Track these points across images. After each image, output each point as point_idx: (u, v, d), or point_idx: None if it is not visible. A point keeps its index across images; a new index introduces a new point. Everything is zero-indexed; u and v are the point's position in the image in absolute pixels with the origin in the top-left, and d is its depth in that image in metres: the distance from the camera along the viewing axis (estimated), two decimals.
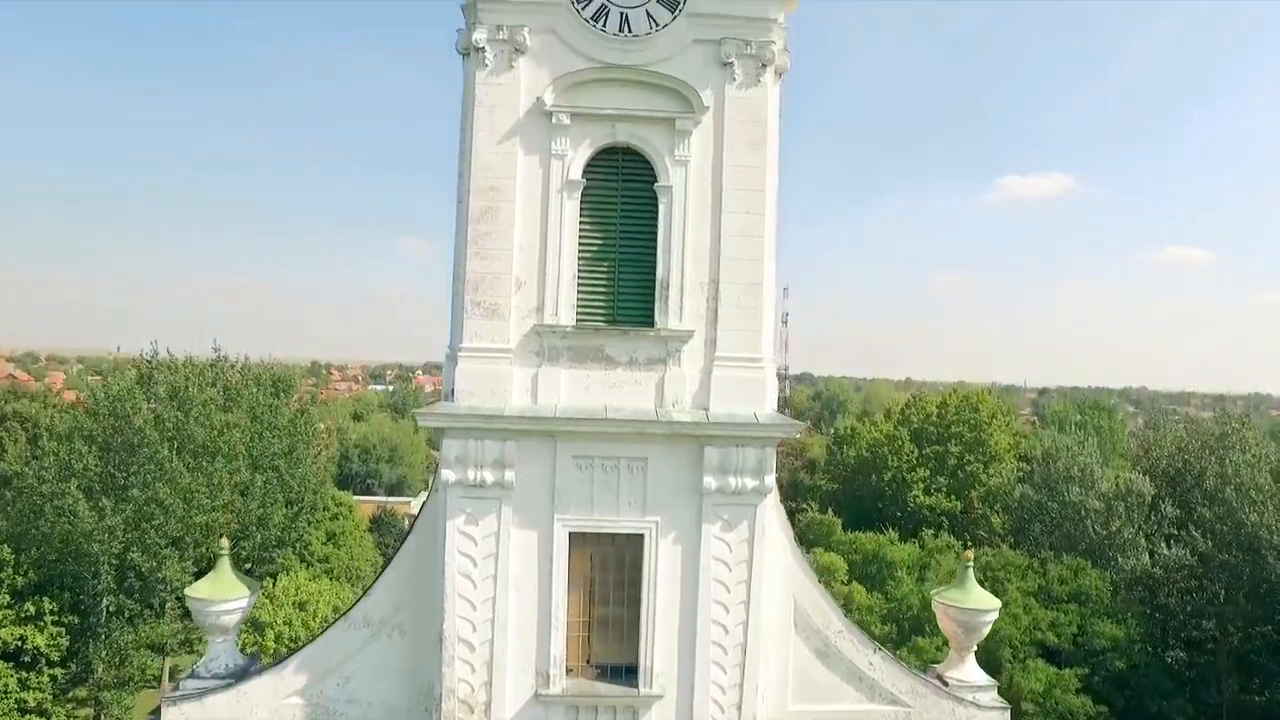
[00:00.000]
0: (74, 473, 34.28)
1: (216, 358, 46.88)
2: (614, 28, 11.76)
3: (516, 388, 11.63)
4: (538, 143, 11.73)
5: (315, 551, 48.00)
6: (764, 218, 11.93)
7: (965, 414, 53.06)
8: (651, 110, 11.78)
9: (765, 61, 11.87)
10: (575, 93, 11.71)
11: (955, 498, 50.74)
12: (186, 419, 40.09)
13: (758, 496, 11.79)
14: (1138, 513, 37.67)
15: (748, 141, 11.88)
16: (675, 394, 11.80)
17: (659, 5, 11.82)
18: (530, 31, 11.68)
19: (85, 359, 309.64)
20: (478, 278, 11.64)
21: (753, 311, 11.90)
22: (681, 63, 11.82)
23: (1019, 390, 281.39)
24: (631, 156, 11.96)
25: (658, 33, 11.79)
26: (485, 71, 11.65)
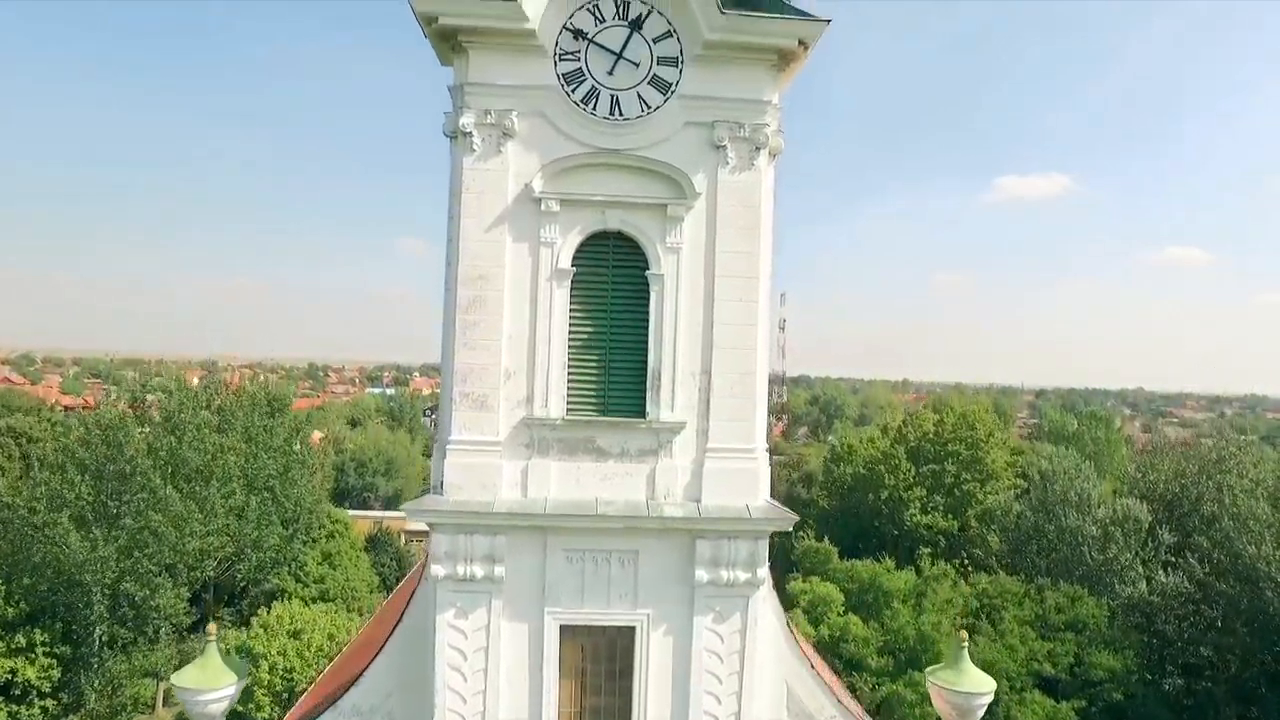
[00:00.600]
0: (66, 502, 34.12)
1: (210, 380, 46.74)
2: (604, 111, 11.56)
3: (506, 481, 11.46)
4: (526, 229, 11.53)
5: (311, 572, 47.73)
6: (757, 305, 11.74)
7: (962, 432, 52.92)
8: (643, 196, 11.58)
9: (759, 145, 11.68)
10: (565, 179, 11.51)
11: (952, 517, 50.63)
12: (180, 444, 39.95)
13: (750, 589, 11.62)
14: (1135, 539, 37.58)
15: (741, 227, 11.69)
16: (667, 486, 11.62)
17: (650, 88, 11.62)
18: (519, 115, 11.48)
19: (82, 360, 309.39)
20: (466, 369, 11.45)
21: (745, 401, 11.71)
22: (673, 146, 11.62)
23: (1017, 391, 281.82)
24: (623, 242, 11.76)
25: (649, 115, 11.59)
26: (473, 157, 11.45)
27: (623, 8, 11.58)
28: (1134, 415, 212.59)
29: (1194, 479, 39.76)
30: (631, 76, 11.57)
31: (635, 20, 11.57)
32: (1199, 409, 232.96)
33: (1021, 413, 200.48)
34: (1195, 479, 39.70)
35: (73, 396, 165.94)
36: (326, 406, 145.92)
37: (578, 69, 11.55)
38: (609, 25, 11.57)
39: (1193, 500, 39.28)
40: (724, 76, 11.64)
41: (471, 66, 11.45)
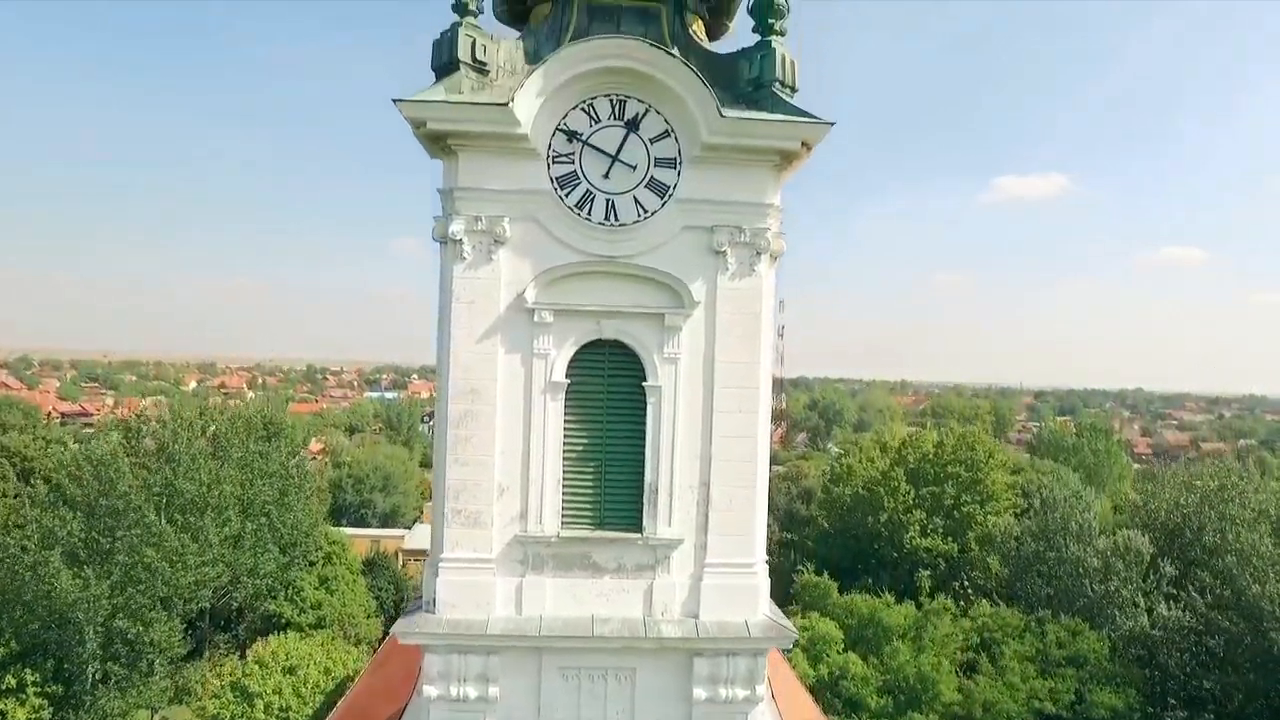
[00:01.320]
0: (57, 540, 33.71)
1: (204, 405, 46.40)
2: (600, 216, 11.19)
3: (500, 598, 11.11)
4: (519, 340, 11.17)
5: (308, 598, 47.38)
6: (757, 416, 11.39)
7: (961, 453, 52.55)
8: (639, 305, 11.22)
9: (759, 249, 11.31)
10: (558, 288, 11.15)
11: (952, 539, 50.28)
12: (175, 475, 39.56)
13: (749, 705, 11.30)
14: (1136, 571, 37.29)
15: (741, 336, 11.33)
16: (664, 602, 11.28)
17: (647, 191, 11.25)
18: (511, 221, 11.11)
19: (80, 363, 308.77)
20: (458, 485, 11.10)
21: (745, 515, 11.37)
22: (670, 252, 11.26)
23: (1015, 393, 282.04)
24: (619, 350, 11.40)
25: (646, 220, 11.22)
26: (463, 265, 11.08)
27: (619, 107, 11.21)
28: (1133, 417, 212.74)
29: (1195, 509, 39.47)
30: (628, 180, 11.20)
31: (632, 120, 11.20)
32: (1198, 410, 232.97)
33: (1020, 415, 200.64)
34: (1197, 509, 39.41)
35: (70, 402, 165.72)
36: (325, 413, 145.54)
37: (572, 172, 11.18)
38: (604, 125, 11.20)
39: (1194, 530, 39.00)
40: (724, 178, 11.28)
41: (461, 170, 11.09)
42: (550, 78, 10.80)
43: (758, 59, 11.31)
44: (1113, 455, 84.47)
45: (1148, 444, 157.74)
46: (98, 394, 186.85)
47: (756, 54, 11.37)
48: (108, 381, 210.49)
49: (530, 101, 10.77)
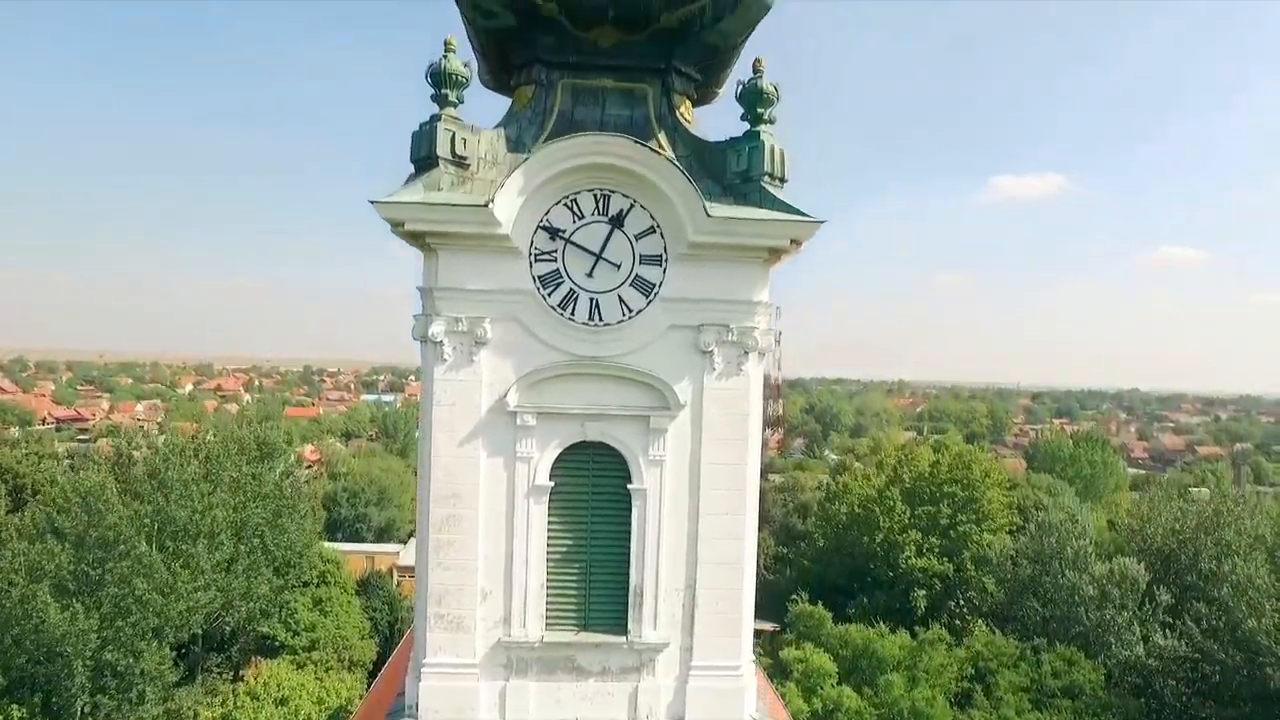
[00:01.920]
0: (45, 573, 33.42)
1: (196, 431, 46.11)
2: (583, 316, 10.96)
3: (484, 704, 10.90)
4: (502, 443, 10.94)
5: (301, 620, 47.16)
6: (744, 517, 11.18)
7: (958, 472, 52.42)
8: (624, 407, 10.99)
9: (747, 349, 11.08)
10: (541, 390, 10.92)
11: (948, 560, 50.16)
12: (167, 502, 39.30)
13: None
14: (1132, 599, 37.17)
15: (728, 437, 11.10)
16: (649, 705, 11.08)
17: (632, 289, 11.01)
18: (492, 322, 10.87)
19: (76, 365, 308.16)
20: (441, 589, 10.88)
21: (732, 618, 11.16)
22: (656, 352, 11.02)
23: (1013, 393, 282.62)
24: (603, 451, 11.18)
25: (631, 320, 10.99)
26: (443, 367, 10.85)
27: (603, 202, 10.98)
28: (1129, 419, 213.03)
29: (1191, 535, 39.36)
30: (612, 278, 10.97)
31: (616, 216, 10.96)
32: (1194, 412, 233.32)
33: (1018, 418, 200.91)
34: (1192, 536, 39.30)
35: (65, 407, 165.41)
36: (321, 419, 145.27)
37: (555, 270, 10.94)
38: (588, 222, 10.97)
39: (1190, 557, 38.89)
40: (711, 276, 11.04)
41: (441, 269, 10.85)
42: (532, 176, 10.57)
43: (746, 151, 11.07)
44: (1109, 466, 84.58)
45: (1144, 448, 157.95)
46: (93, 397, 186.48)
47: (745, 145, 11.13)
48: (104, 384, 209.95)
49: (511, 200, 10.54)
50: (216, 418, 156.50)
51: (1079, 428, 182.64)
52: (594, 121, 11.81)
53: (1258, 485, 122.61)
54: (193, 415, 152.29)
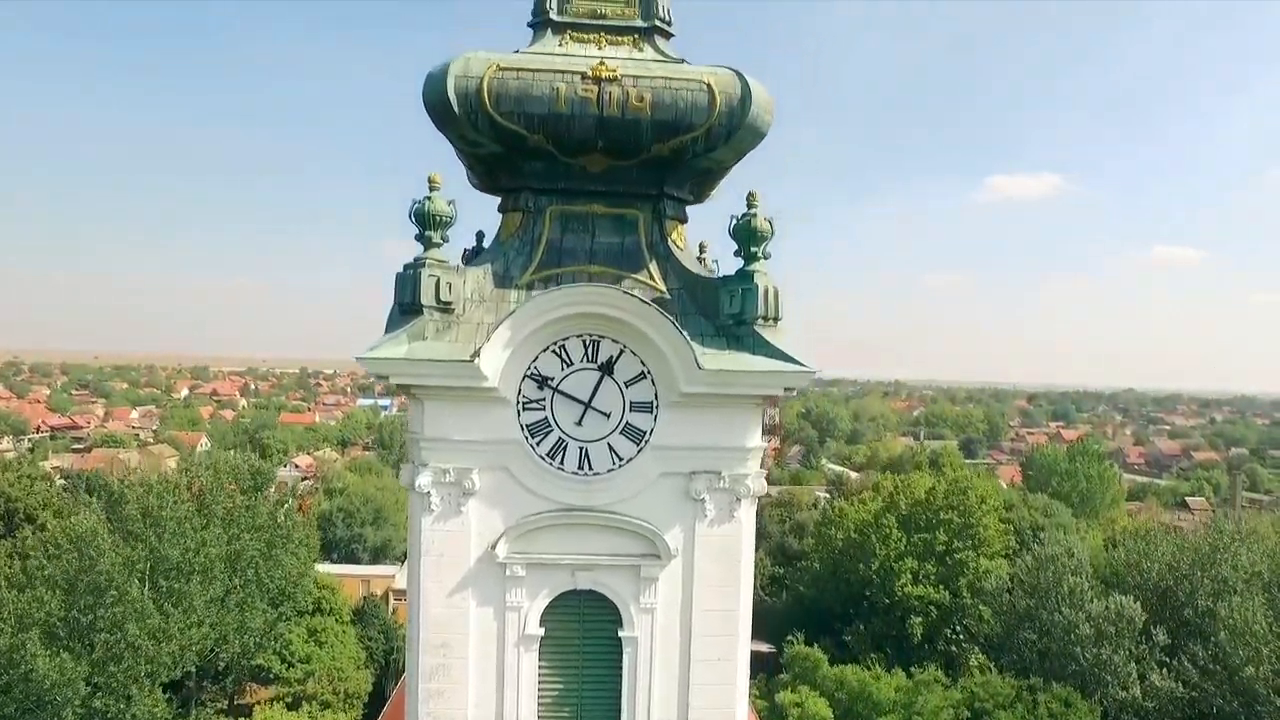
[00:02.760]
0: (34, 621, 33.14)
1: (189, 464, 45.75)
2: (573, 465, 10.76)
3: None
4: (491, 593, 10.75)
5: (296, 651, 46.99)
6: (735, 664, 11.00)
7: (954, 499, 52.33)
8: (614, 556, 10.81)
9: (740, 495, 10.90)
10: (530, 539, 10.72)
11: (944, 587, 50.09)
12: (160, 541, 39.05)
13: None
14: (1129, 638, 37.10)
15: (720, 583, 10.92)
16: None
17: (622, 437, 10.82)
18: (480, 471, 10.67)
19: (70, 366, 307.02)
20: None
21: None
22: (647, 500, 10.83)
23: (1009, 394, 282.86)
24: (594, 598, 10.99)
25: (621, 468, 10.79)
26: (431, 517, 10.66)
27: (592, 349, 10.77)
28: (1125, 422, 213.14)
29: (1188, 571, 39.28)
30: (602, 426, 10.77)
31: (606, 363, 10.76)
32: (1190, 414, 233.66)
33: (1014, 421, 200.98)
34: (1189, 572, 39.23)
35: (59, 414, 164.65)
36: (318, 427, 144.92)
37: (543, 419, 10.74)
38: (577, 368, 10.77)
39: (1187, 594, 38.82)
40: (702, 423, 10.84)
41: (428, 420, 10.65)
42: (518, 328, 10.36)
43: (739, 294, 10.87)
44: (1106, 480, 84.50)
45: (1141, 453, 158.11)
46: (88, 403, 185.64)
47: (738, 286, 10.92)
48: (99, 389, 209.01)
49: (497, 353, 10.33)
50: (212, 425, 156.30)
51: (1076, 432, 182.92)
52: (584, 250, 11.62)
53: (1253, 493, 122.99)
54: (188, 422, 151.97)
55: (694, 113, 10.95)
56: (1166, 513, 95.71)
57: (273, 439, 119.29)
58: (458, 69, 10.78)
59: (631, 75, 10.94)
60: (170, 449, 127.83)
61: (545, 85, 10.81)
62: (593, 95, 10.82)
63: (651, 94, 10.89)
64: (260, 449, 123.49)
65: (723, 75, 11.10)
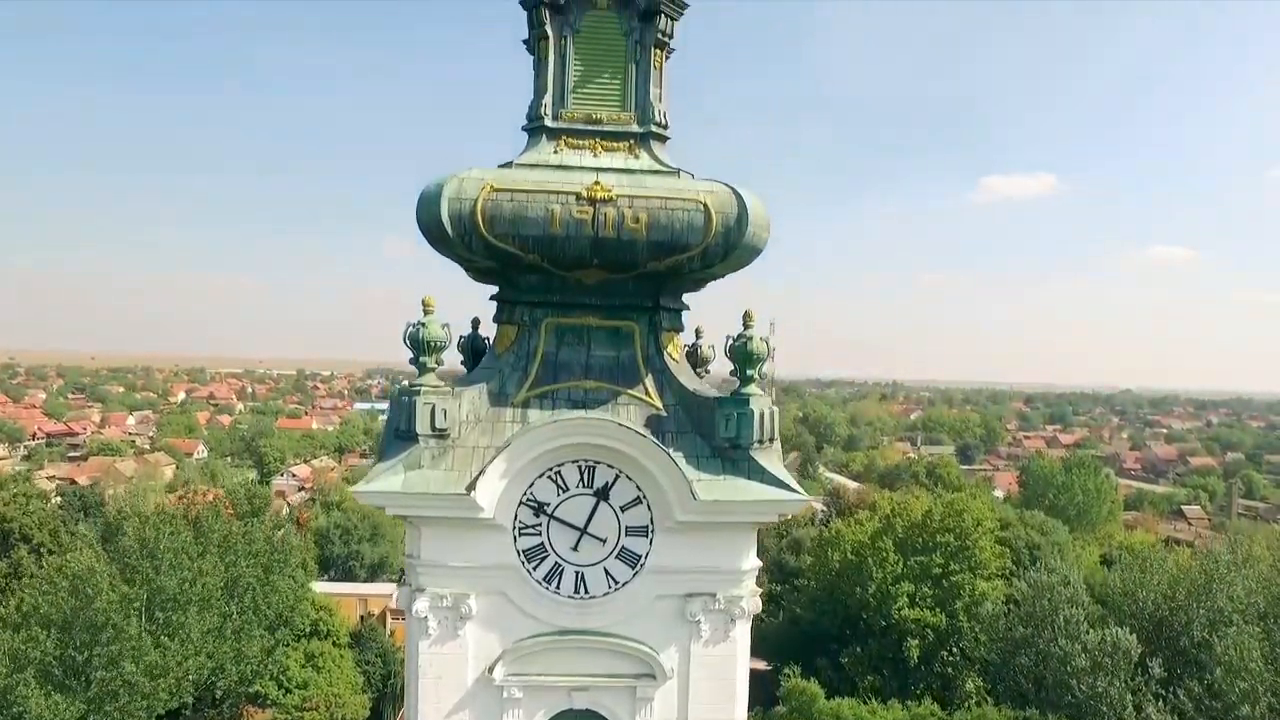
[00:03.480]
0: (29, 661, 33.06)
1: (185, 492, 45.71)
2: (569, 589, 10.76)
3: None
4: (489, 715, 10.72)
5: (294, 677, 47.00)
6: None
7: (950, 521, 52.43)
8: (611, 677, 10.80)
9: (734, 616, 10.91)
10: (527, 661, 10.72)
11: (940, 610, 50.20)
12: (157, 573, 39.01)
13: None
14: (1124, 669, 37.20)
15: (715, 700, 10.92)
16: None
17: (618, 562, 10.81)
18: (477, 596, 10.67)
19: (66, 368, 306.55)
20: None
21: None
22: (642, 622, 10.83)
23: (1006, 395, 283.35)
24: (591, 717, 10.98)
25: (617, 591, 10.79)
26: (428, 641, 10.65)
27: (588, 474, 10.77)
28: (1122, 425, 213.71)
29: (1184, 602, 39.39)
30: (598, 551, 10.76)
31: (601, 489, 10.76)
32: (1186, 416, 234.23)
33: (1011, 425, 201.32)
34: (1185, 603, 39.33)
35: (55, 420, 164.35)
36: (315, 434, 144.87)
37: (539, 544, 10.74)
38: (573, 494, 10.76)
39: (1183, 624, 38.94)
40: (698, 546, 10.84)
41: (424, 545, 10.65)
42: (514, 459, 10.36)
43: (735, 418, 10.85)
44: (1102, 493, 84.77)
45: (1137, 458, 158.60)
46: (84, 407, 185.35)
47: (734, 410, 10.90)
48: (94, 394, 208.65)
49: (493, 484, 10.32)
50: (209, 432, 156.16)
51: (1073, 436, 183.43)
52: (579, 365, 11.60)
53: (1249, 500, 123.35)
54: (185, 429, 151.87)
55: (690, 233, 10.93)
56: (1163, 522, 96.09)
57: (270, 447, 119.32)
58: (451, 191, 10.75)
59: (627, 195, 10.91)
60: (167, 457, 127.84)
61: (540, 207, 10.77)
62: (588, 217, 10.79)
63: (647, 215, 10.86)
64: (257, 458, 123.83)
65: (719, 194, 11.07)
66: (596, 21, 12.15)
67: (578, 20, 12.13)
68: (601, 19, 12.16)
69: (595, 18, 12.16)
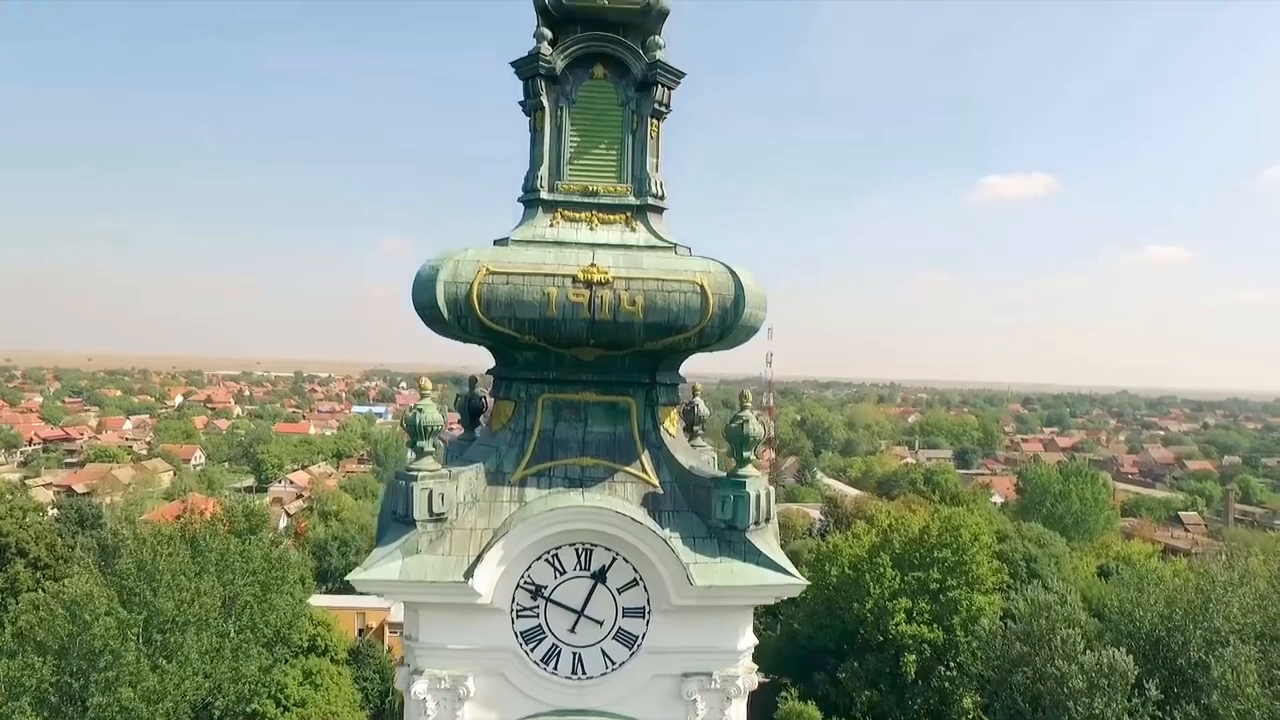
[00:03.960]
0: (25, 689, 33.05)
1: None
2: (566, 670, 10.78)
3: None
4: None
5: (291, 695, 47.02)
6: None
7: (946, 537, 52.57)
8: None
9: (730, 695, 10.94)
10: None
11: (937, 625, 50.33)
12: (155, 595, 39.01)
13: None
14: (1121, 692, 37.30)
15: None
16: None
17: (615, 643, 10.84)
18: (475, 677, 10.70)
19: (63, 371, 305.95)
20: None
21: None
22: (639, 702, 10.84)
23: (1004, 396, 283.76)
24: None
25: (614, 672, 10.82)
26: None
27: (584, 557, 10.80)
28: (1119, 426, 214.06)
29: (1180, 623, 39.52)
30: (595, 633, 10.79)
31: (599, 572, 10.79)
32: (1182, 418, 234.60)
33: (1009, 427, 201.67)
34: (1181, 623, 39.46)
35: (51, 426, 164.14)
36: (313, 440, 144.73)
37: (537, 626, 10.76)
38: (570, 577, 10.79)
39: (1180, 645, 39.07)
40: (695, 626, 10.86)
41: (423, 629, 10.68)
42: (511, 546, 10.39)
43: (731, 500, 10.86)
44: (1100, 502, 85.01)
45: (1134, 461, 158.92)
46: (81, 412, 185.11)
47: (730, 493, 10.91)
48: (91, 397, 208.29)
49: (491, 570, 10.36)
50: (207, 437, 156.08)
51: (1071, 440, 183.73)
52: (576, 441, 11.62)
53: (1245, 504, 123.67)
54: (182, 434, 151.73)
55: (687, 315, 10.96)
56: (1160, 529, 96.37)
57: (268, 454, 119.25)
58: (447, 275, 10.77)
59: (624, 278, 10.93)
60: (164, 463, 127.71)
61: (536, 290, 10.80)
62: (584, 300, 10.82)
63: (644, 297, 10.88)
64: (255, 464, 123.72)
65: (716, 274, 11.10)
66: (593, 91, 12.18)
67: (574, 90, 12.16)
68: (598, 89, 12.19)
69: (591, 87, 12.19)
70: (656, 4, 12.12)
